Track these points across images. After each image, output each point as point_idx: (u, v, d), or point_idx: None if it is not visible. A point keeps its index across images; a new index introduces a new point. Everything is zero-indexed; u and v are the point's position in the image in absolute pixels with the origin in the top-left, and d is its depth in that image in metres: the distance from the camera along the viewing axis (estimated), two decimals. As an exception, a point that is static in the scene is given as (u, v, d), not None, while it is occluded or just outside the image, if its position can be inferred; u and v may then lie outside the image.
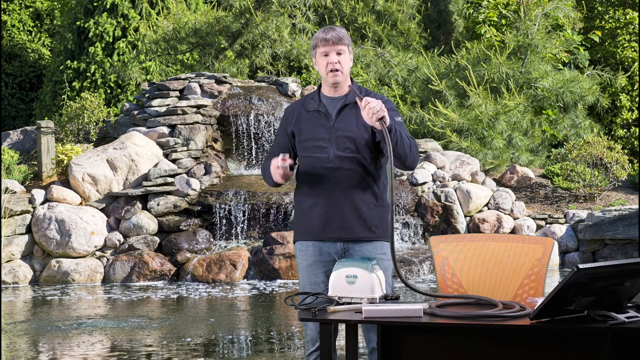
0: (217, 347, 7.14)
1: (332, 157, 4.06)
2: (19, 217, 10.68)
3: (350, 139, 4.06)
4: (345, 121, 4.09)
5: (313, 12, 14.93)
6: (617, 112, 16.22)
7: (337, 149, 4.07)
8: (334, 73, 4.07)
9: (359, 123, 4.06)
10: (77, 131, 12.54)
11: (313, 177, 4.11)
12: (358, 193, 4.07)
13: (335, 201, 4.07)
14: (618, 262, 3.22)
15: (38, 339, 7.48)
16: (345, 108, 4.11)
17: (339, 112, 4.11)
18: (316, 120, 4.12)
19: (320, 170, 4.08)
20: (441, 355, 3.48)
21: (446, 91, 13.41)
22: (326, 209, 4.07)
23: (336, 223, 4.08)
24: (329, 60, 4.07)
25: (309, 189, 4.12)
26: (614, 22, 16.82)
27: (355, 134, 4.07)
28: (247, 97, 12.35)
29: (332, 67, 4.07)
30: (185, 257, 10.58)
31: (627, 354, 3.29)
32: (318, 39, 4.08)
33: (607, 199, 12.18)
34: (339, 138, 4.07)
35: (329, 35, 4.06)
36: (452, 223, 11.35)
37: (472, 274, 3.98)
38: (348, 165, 4.06)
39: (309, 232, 4.12)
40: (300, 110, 4.18)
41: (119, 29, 15.06)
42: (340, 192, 4.07)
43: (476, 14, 16.27)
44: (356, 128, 4.07)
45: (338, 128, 4.08)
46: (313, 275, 4.09)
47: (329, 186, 4.07)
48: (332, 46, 4.05)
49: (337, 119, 4.10)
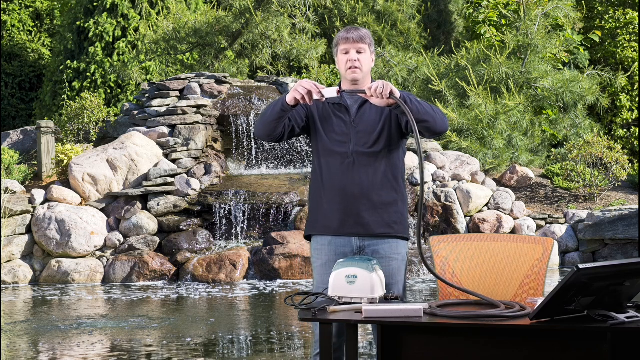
0: (217, 347, 7.14)
1: (351, 152, 4.05)
2: (19, 217, 10.68)
3: (370, 135, 4.06)
4: (365, 117, 4.09)
5: (313, 12, 14.93)
6: (617, 112, 16.22)
7: (357, 144, 4.06)
8: (353, 70, 4.07)
9: (379, 119, 4.07)
10: (77, 131, 12.54)
11: (331, 172, 4.09)
12: (377, 189, 4.05)
13: (353, 197, 4.05)
14: (618, 262, 3.22)
15: (38, 339, 7.49)
16: (366, 104, 4.10)
17: (360, 108, 4.11)
18: (336, 114, 4.12)
19: (339, 165, 4.07)
20: (441, 355, 3.48)
21: (446, 91, 13.41)
22: (344, 205, 4.05)
23: (353, 219, 4.05)
24: (348, 58, 4.07)
25: (327, 184, 4.09)
26: (614, 22, 16.82)
27: (376, 129, 4.07)
28: (247, 97, 12.35)
29: (351, 65, 4.06)
30: (185, 257, 10.59)
31: (627, 354, 3.29)
32: (340, 37, 4.11)
33: (607, 199, 12.18)
34: (359, 133, 4.07)
35: (351, 34, 4.08)
36: (452, 223, 11.35)
37: (472, 274, 3.98)
38: (367, 161, 4.05)
39: (327, 227, 4.09)
40: (322, 105, 4.14)
41: (119, 29, 15.06)
42: (359, 188, 4.05)
43: (476, 14, 16.27)
44: (376, 124, 4.07)
45: (358, 123, 4.08)
46: (327, 275, 4.03)
47: (348, 181, 4.05)
48: (353, 44, 4.07)
49: (357, 115, 4.10)
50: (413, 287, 9.84)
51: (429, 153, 12.15)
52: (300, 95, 3.89)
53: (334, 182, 4.08)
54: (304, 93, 3.89)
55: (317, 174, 4.15)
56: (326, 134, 4.11)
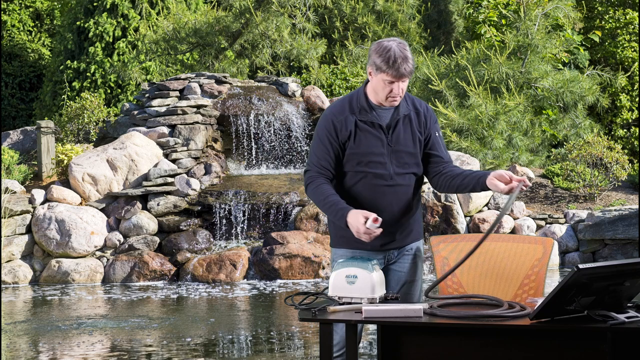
0: (217, 347, 7.14)
1: (392, 173, 3.95)
2: (19, 217, 10.68)
3: (407, 154, 3.97)
4: (400, 135, 3.96)
5: (313, 12, 14.93)
6: (617, 112, 16.22)
7: (397, 165, 3.96)
8: (392, 100, 3.91)
9: (414, 137, 3.98)
10: (77, 131, 12.54)
11: (368, 194, 3.95)
12: (409, 206, 4.03)
13: (392, 217, 3.98)
14: (618, 262, 3.23)
15: (38, 339, 7.48)
16: (399, 121, 3.97)
17: (394, 126, 3.96)
18: (371, 133, 3.94)
19: (378, 187, 3.95)
20: (441, 355, 3.49)
21: (446, 91, 13.41)
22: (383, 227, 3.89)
23: (389, 238, 4.02)
24: (393, 89, 3.87)
25: (364, 203, 3.93)
26: (614, 22, 16.82)
27: (412, 148, 3.97)
28: (247, 97, 12.35)
29: (393, 99, 3.90)
30: (185, 257, 10.58)
31: (627, 354, 3.30)
32: (387, 65, 3.82)
33: (607, 199, 12.18)
34: (397, 153, 3.95)
35: (402, 69, 3.82)
36: (452, 223, 11.35)
37: (472, 274, 3.98)
38: (405, 181, 3.99)
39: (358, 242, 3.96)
40: (352, 118, 3.94)
41: (119, 29, 15.06)
42: (397, 208, 3.99)
43: (476, 14, 16.27)
44: (412, 142, 3.97)
45: (395, 143, 3.95)
46: None
47: (387, 203, 3.96)
48: (401, 78, 3.85)
49: (392, 133, 3.96)
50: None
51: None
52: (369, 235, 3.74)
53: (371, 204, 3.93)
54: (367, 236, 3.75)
55: (351, 194, 3.98)
56: (365, 155, 3.94)
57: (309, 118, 12.42)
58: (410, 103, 4.02)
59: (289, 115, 12.22)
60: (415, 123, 3.99)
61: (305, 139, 12.23)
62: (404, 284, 4.07)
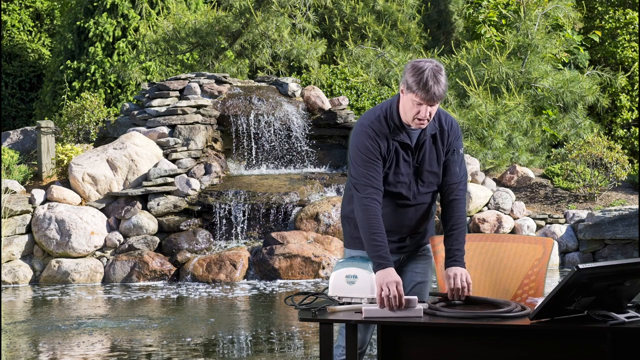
0: (217, 347, 7.14)
1: (416, 193, 3.98)
2: (19, 217, 10.68)
3: (431, 174, 3.99)
4: (425, 156, 3.96)
5: (313, 12, 14.93)
6: (617, 112, 16.22)
7: (421, 185, 3.99)
8: (420, 122, 3.86)
9: (438, 157, 3.98)
10: (77, 131, 12.54)
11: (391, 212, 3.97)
12: (427, 216, 4.10)
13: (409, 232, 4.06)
14: (618, 262, 3.23)
15: (38, 339, 7.48)
16: (426, 141, 3.95)
17: (421, 147, 3.95)
18: (401, 153, 3.94)
19: (401, 207, 3.99)
20: (441, 355, 3.48)
21: (446, 91, 13.41)
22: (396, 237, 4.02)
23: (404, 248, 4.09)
24: (420, 111, 3.82)
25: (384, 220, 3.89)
26: (614, 22, 16.82)
27: (436, 169, 3.99)
28: (247, 97, 12.35)
29: (420, 122, 3.85)
30: (185, 257, 10.58)
31: (627, 354, 3.30)
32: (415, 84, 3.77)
33: (607, 199, 12.18)
34: (422, 174, 3.97)
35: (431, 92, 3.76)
36: (452, 223, 11.34)
37: (472, 274, 3.98)
38: (427, 199, 4.03)
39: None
40: (387, 137, 3.91)
41: (119, 29, 15.06)
42: (416, 224, 4.05)
43: (476, 14, 16.27)
44: (436, 162, 3.98)
45: (421, 164, 3.96)
46: None
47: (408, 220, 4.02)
48: (428, 102, 3.80)
49: (419, 154, 3.96)
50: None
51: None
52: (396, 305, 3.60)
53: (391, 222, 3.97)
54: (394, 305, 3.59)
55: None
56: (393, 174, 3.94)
57: (309, 118, 12.42)
58: (437, 120, 3.99)
59: (289, 115, 12.22)
60: (440, 142, 3.99)
61: (305, 139, 12.23)
62: (417, 284, 4.12)
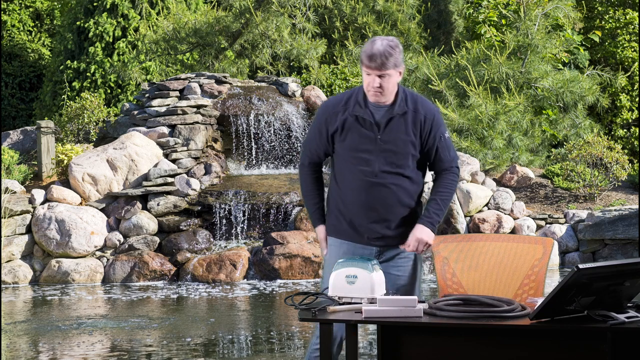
0: (217, 347, 7.14)
1: (377, 171, 3.97)
2: (19, 217, 10.68)
3: (396, 153, 3.97)
4: (392, 134, 3.96)
5: (313, 12, 14.93)
6: (617, 112, 16.22)
7: (383, 163, 3.97)
8: (375, 94, 3.92)
9: (405, 136, 3.97)
10: (77, 131, 12.54)
11: (356, 189, 4.00)
12: (400, 206, 4.03)
13: (377, 215, 4.01)
14: (618, 262, 3.23)
15: (38, 339, 7.48)
16: (393, 119, 3.97)
17: (387, 124, 3.97)
18: (361, 129, 3.97)
19: (364, 183, 3.98)
20: (441, 355, 3.49)
21: (446, 91, 13.41)
22: (368, 223, 4.02)
23: (374, 234, 4.05)
24: (370, 83, 3.90)
25: (351, 199, 4.02)
26: (614, 22, 16.82)
27: (402, 148, 3.97)
28: (247, 97, 12.35)
29: (373, 91, 3.92)
30: (185, 257, 10.58)
31: (627, 354, 3.30)
32: (364, 55, 3.89)
33: (607, 199, 12.18)
34: (385, 152, 3.96)
35: (374, 60, 3.85)
36: (452, 223, 11.35)
37: (472, 274, 3.98)
38: (392, 180, 3.99)
39: (347, 234, 4.08)
40: (344, 114, 3.99)
41: (119, 29, 15.06)
42: (384, 207, 4.01)
43: (476, 14, 16.27)
44: (402, 142, 3.97)
45: (385, 141, 3.96)
46: None
47: (373, 200, 4.00)
48: (374, 70, 3.88)
49: (384, 131, 3.97)
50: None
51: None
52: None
53: (357, 199, 4.00)
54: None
55: (338, 185, 4.07)
56: (351, 150, 3.99)
57: (309, 118, 12.41)
58: (411, 103, 4.00)
59: (289, 115, 12.22)
60: (412, 125, 3.98)
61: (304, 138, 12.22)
62: (400, 287, 4.07)
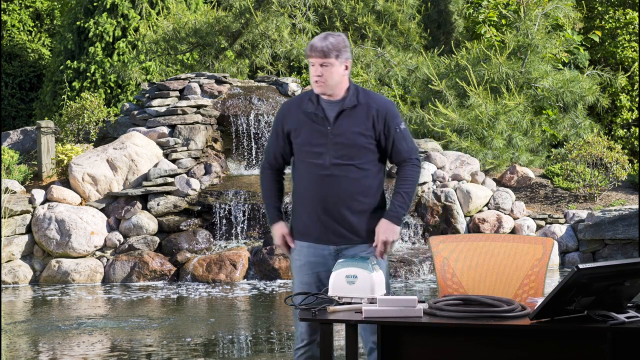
0: (217, 347, 7.14)
1: (329, 164, 4.04)
2: (19, 217, 10.68)
3: (347, 146, 4.03)
4: (342, 126, 4.04)
5: (313, 12, 14.93)
6: (617, 112, 16.22)
7: (334, 156, 4.04)
8: (317, 84, 4.03)
9: (358, 129, 4.03)
10: (77, 131, 12.54)
11: (310, 183, 4.10)
12: (354, 200, 4.06)
13: (331, 208, 4.07)
14: (618, 262, 3.23)
15: (38, 339, 7.48)
16: (343, 113, 4.05)
17: (337, 117, 4.05)
18: (313, 125, 4.07)
19: (317, 177, 4.07)
20: (441, 355, 3.49)
21: (446, 91, 13.41)
22: (322, 217, 4.08)
23: (331, 230, 4.09)
24: (313, 71, 4.03)
25: (306, 195, 4.13)
26: (614, 22, 16.82)
27: (353, 140, 4.03)
28: (247, 97, 12.35)
29: (315, 79, 4.03)
30: (185, 257, 10.58)
31: (627, 354, 3.30)
32: (308, 46, 4.06)
33: (607, 199, 12.17)
34: (336, 145, 4.04)
35: (313, 49, 4.01)
36: (452, 223, 11.35)
37: (473, 274, 3.98)
38: (344, 172, 4.04)
39: (306, 235, 4.16)
40: (298, 111, 4.11)
41: (119, 29, 15.06)
42: (336, 200, 4.06)
43: (476, 14, 16.27)
44: (355, 135, 4.03)
45: (336, 134, 4.04)
46: (305, 275, 4.14)
47: (325, 193, 4.06)
48: (316, 59, 4.00)
49: (334, 124, 4.05)
50: (413, 287, 9.84)
51: (429, 153, 12.15)
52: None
53: (312, 194, 4.11)
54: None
55: (297, 183, 4.20)
56: (304, 145, 4.09)
57: (309, 118, 12.41)
58: (362, 97, 4.08)
59: (289, 115, 12.21)
60: (363, 117, 4.04)
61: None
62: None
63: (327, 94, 4.05)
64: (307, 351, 4.09)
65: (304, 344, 4.10)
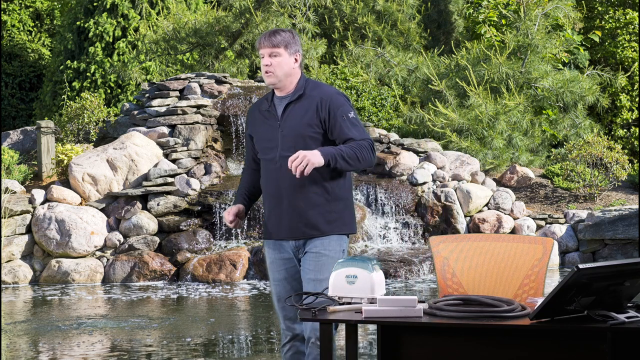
0: (217, 347, 7.14)
1: (278, 157, 4.09)
2: (19, 217, 10.68)
3: (293, 137, 4.08)
4: (290, 120, 4.11)
5: (313, 12, 14.93)
6: (617, 112, 16.22)
7: (282, 149, 4.08)
8: (267, 74, 4.10)
9: (302, 120, 4.08)
10: (77, 131, 12.54)
11: (266, 180, 4.18)
12: (305, 192, 4.08)
13: (283, 202, 4.11)
14: (618, 262, 3.22)
15: (38, 339, 7.49)
16: (289, 106, 4.12)
17: (284, 111, 4.12)
18: (266, 122, 4.16)
19: (270, 172, 4.14)
20: (441, 355, 3.49)
21: (446, 91, 13.41)
22: (277, 211, 4.14)
23: (286, 224, 4.13)
24: (263, 62, 4.10)
25: (265, 191, 4.20)
26: (614, 22, 16.82)
27: (298, 131, 4.08)
28: (247, 97, 12.35)
29: (265, 70, 4.09)
30: (185, 257, 10.59)
31: (627, 354, 3.29)
32: (257, 40, 4.15)
33: (607, 199, 12.18)
34: (284, 138, 4.10)
35: (262, 41, 4.09)
36: (452, 223, 11.35)
37: (472, 274, 3.98)
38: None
39: (269, 233, 4.22)
40: (256, 112, 4.24)
41: (119, 29, 15.06)
42: (287, 193, 4.10)
43: (476, 14, 16.27)
44: (300, 126, 4.08)
45: (284, 127, 4.11)
46: (276, 272, 4.21)
47: (277, 187, 4.12)
48: (265, 49, 4.08)
49: (282, 118, 4.12)
50: (413, 287, 9.84)
51: (429, 153, 12.15)
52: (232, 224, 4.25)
53: (267, 191, 4.18)
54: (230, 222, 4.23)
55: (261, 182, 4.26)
56: (259, 142, 4.19)
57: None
58: (309, 89, 4.13)
59: (289, 115, 12.22)
60: (308, 107, 4.09)
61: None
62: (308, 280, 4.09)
63: (277, 86, 4.11)
64: (292, 347, 4.17)
65: (287, 339, 4.17)
